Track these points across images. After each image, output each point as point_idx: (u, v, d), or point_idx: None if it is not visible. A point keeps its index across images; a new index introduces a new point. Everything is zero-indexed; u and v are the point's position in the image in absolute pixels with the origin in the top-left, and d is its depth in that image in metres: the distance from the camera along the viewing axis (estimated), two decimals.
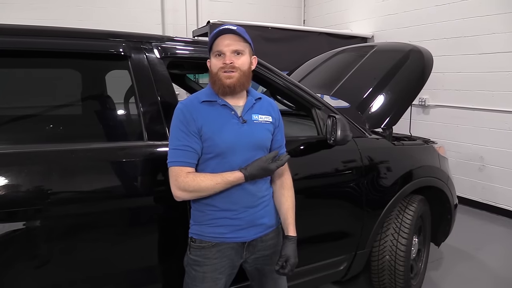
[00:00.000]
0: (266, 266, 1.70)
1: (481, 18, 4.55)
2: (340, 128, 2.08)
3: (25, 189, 1.51)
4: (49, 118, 1.86)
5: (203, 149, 1.55)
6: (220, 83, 1.53)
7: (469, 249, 3.71)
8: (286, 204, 1.71)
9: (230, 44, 1.53)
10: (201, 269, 1.59)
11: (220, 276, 1.60)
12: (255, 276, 1.74)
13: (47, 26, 1.79)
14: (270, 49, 5.24)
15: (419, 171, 2.69)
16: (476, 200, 4.84)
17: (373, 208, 2.46)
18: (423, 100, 5.20)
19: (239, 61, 1.54)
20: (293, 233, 1.67)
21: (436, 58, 3.10)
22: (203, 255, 1.59)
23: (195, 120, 1.53)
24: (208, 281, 1.58)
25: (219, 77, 1.53)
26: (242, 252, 1.63)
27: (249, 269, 1.72)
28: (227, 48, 1.52)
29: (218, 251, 1.59)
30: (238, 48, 1.54)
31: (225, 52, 1.52)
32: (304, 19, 7.40)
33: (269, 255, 1.69)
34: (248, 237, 1.61)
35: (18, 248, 1.51)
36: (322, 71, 3.67)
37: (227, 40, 1.53)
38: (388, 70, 3.00)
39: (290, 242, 1.64)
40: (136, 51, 1.84)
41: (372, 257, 2.62)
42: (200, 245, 1.59)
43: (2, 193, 1.45)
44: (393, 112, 2.76)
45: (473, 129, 4.78)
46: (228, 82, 1.53)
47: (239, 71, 1.54)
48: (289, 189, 1.74)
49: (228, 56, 1.52)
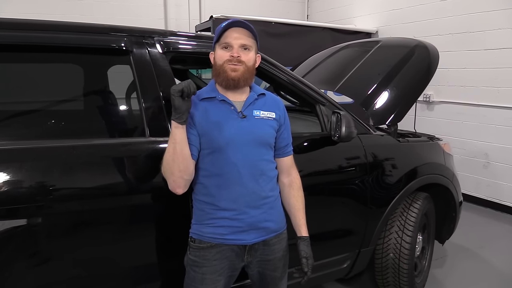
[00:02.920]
0: (268, 271, 1.65)
1: (487, 13, 4.50)
2: (344, 125, 2.05)
3: (26, 185, 1.48)
4: (49, 113, 1.83)
5: (200, 144, 1.53)
6: (225, 75, 1.51)
7: (473, 247, 3.68)
8: (297, 205, 1.69)
9: (239, 37, 1.51)
10: (200, 270, 1.56)
11: (219, 278, 1.57)
12: (257, 280, 1.69)
13: (47, 20, 1.76)
14: (273, 44, 5.21)
15: (424, 168, 2.66)
16: (481, 197, 4.81)
17: (377, 206, 2.43)
18: (427, 96, 5.16)
19: (246, 56, 1.52)
20: (306, 233, 1.67)
21: (441, 53, 3.06)
22: (202, 256, 1.56)
23: (193, 115, 1.52)
24: (207, 283, 1.55)
25: (224, 68, 1.51)
26: (243, 255, 1.59)
27: (251, 272, 1.67)
28: (236, 41, 1.51)
29: (218, 252, 1.55)
30: (247, 43, 1.53)
31: (234, 45, 1.50)
32: (308, 14, 7.35)
33: (272, 260, 1.64)
34: (249, 241, 1.57)
35: (16, 245, 1.49)
36: (326, 66, 3.64)
37: (237, 33, 1.51)
38: (393, 65, 2.96)
39: (305, 243, 1.65)
40: (138, 45, 1.81)
41: (376, 255, 2.60)
42: (200, 246, 1.56)
43: (2, 189, 1.43)
44: (398, 108, 2.73)
45: (478, 125, 4.74)
46: (233, 75, 1.50)
47: (245, 66, 1.52)
48: (298, 189, 1.72)
49: (236, 49, 1.50)
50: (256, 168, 1.55)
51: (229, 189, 1.52)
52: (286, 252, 1.70)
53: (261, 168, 1.56)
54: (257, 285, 1.71)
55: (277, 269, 1.66)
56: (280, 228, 1.66)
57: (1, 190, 1.43)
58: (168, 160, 1.46)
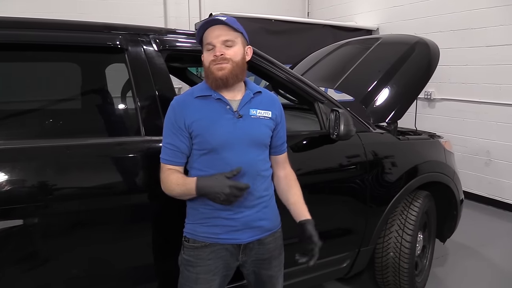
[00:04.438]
0: (263, 271, 1.63)
1: (489, 9, 4.46)
2: (343, 123, 2.03)
3: (20, 185, 1.47)
4: (42, 113, 1.81)
5: (195, 145, 1.51)
6: (212, 76, 1.48)
7: (475, 245, 3.66)
8: (294, 191, 1.67)
9: (219, 35, 1.47)
10: (194, 270, 1.54)
11: (214, 277, 1.55)
12: (252, 280, 1.67)
13: (40, 18, 1.74)
14: (273, 42, 5.18)
15: (425, 166, 2.63)
16: (482, 195, 4.78)
17: (377, 204, 2.41)
18: (428, 93, 5.13)
19: (230, 51, 1.48)
20: (309, 216, 1.63)
21: (442, 50, 3.03)
22: (196, 256, 1.54)
23: (185, 117, 1.49)
24: (201, 283, 1.53)
25: (211, 70, 1.48)
26: (238, 255, 1.58)
27: (246, 272, 1.65)
28: (217, 39, 1.47)
29: (212, 252, 1.53)
30: (229, 38, 1.48)
31: (215, 44, 1.47)
32: (308, 11, 7.31)
33: (268, 259, 1.62)
34: (243, 240, 1.55)
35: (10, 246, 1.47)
36: (326, 64, 3.61)
37: (216, 31, 1.47)
38: (393, 63, 2.93)
39: (311, 224, 1.59)
40: (133, 43, 1.79)
41: (376, 254, 2.58)
42: (193, 245, 1.55)
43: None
44: (398, 106, 2.70)
45: (479, 123, 4.71)
46: (220, 74, 1.47)
47: (231, 62, 1.47)
48: (295, 180, 1.71)
49: (218, 48, 1.46)
50: (251, 168, 1.52)
51: None
52: (281, 251, 1.68)
53: (256, 169, 1.54)
54: (253, 285, 1.69)
55: (273, 268, 1.64)
56: (275, 227, 1.65)
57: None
58: (169, 189, 1.51)
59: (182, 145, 1.51)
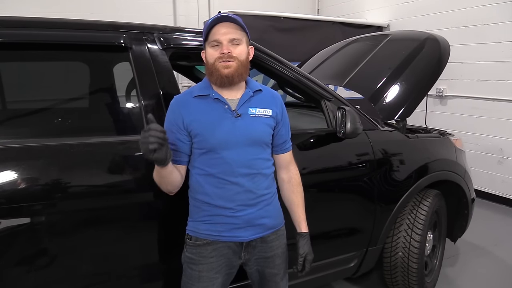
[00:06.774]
0: (266, 269, 1.62)
1: (502, 4, 4.36)
2: (349, 121, 2.01)
3: (24, 184, 1.47)
4: (46, 112, 1.81)
5: (195, 144, 1.51)
6: (217, 73, 1.47)
7: (487, 244, 3.59)
8: (296, 201, 1.67)
9: (227, 32, 1.46)
10: (196, 268, 1.54)
11: (216, 275, 1.54)
12: (256, 279, 1.66)
13: (44, 17, 1.74)
14: (282, 40, 5.15)
15: (435, 164, 2.59)
16: (495, 193, 4.70)
17: (385, 203, 2.37)
18: (440, 90, 5.05)
19: (237, 50, 1.47)
20: (305, 229, 1.67)
21: (454, 47, 2.98)
22: (199, 253, 1.54)
23: (183, 116, 1.49)
24: (204, 281, 1.53)
25: (217, 67, 1.47)
26: (240, 253, 1.57)
27: (249, 271, 1.64)
28: (224, 37, 1.46)
29: (214, 249, 1.53)
30: (236, 37, 1.47)
31: (222, 41, 1.46)
32: (318, 8, 7.25)
33: (271, 258, 1.61)
34: (245, 237, 1.54)
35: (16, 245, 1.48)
36: (334, 61, 3.58)
37: (224, 28, 1.46)
38: (402, 59, 2.89)
39: (304, 239, 1.65)
40: (137, 42, 1.78)
41: (385, 253, 2.55)
42: (196, 243, 1.54)
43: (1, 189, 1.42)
44: (407, 103, 2.66)
45: (492, 120, 4.62)
46: (226, 72, 1.46)
47: (237, 60, 1.47)
48: (298, 185, 1.69)
49: (225, 45, 1.46)
50: (251, 167, 1.51)
51: (224, 188, 1.50)
52: (285, 249, 1.67)
53: (256, 167, 1.53)
54: (257, 284, 1.68)
55: (276, 267, 1.63)
56: (278, 225, 1.63)
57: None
58: (156, 182, 1.50)
59: (181, 144, 1.51)
